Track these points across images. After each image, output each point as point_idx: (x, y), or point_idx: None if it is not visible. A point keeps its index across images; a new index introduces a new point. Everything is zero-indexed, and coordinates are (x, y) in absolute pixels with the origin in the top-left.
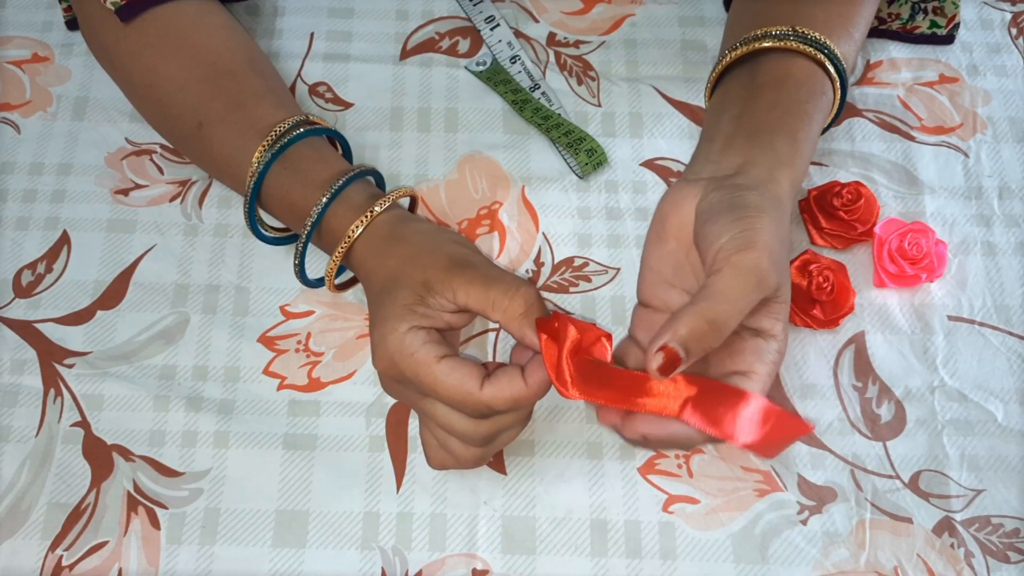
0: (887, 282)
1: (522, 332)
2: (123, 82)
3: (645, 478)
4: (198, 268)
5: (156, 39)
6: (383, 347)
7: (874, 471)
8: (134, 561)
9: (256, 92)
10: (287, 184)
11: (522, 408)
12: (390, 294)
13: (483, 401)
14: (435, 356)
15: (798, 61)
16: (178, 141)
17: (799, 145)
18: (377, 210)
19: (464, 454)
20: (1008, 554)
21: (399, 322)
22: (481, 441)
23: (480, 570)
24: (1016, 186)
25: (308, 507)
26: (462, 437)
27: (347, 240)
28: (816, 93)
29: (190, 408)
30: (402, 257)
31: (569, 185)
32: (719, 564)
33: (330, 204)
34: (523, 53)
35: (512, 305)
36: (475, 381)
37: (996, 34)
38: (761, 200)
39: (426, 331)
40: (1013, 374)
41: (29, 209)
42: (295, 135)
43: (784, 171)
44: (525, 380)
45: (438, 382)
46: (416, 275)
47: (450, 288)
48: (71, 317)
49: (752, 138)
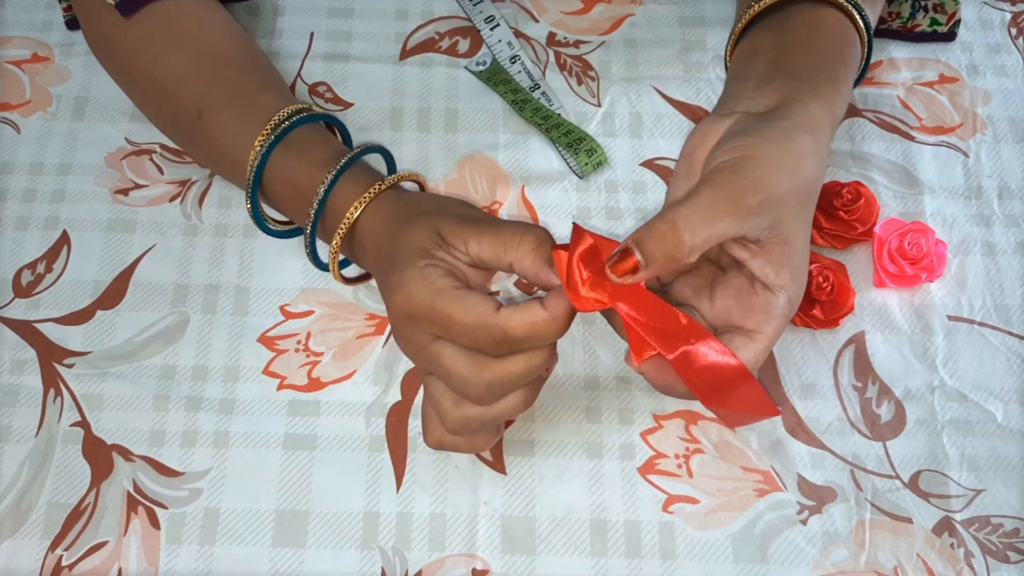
0: (887, 282)
1: (536, 269)
2: (124, 77)
3: (645, 478)
4: (198, 268)
5: (157, 32)
6: (402, 281)
7: (874, 471)
8: (134, 561)
9: (257, 83)
10: (291, 165)
11: (540, 341)
12: (404, 241)
13: (499, 324)
14: (452, 286)
15: (830, 11)
16: (179, 133)
17: (840, 86)
18: (382, 185)
19: (453, 412)
20: (1008, 554)
21: (419, 258)
22: (483, 391)
23: (480, 570)
24: (1016, 186)
25: (308, 507)
26: (463, 385)
27: (351, 215)
28: (850, 42)
29: (190, 408)
30: (411, 214)
31: (569, 185)
32: (719, 564)
33: (337, 180)
34: (523, 53)
35: (523, 243)
36: (491, 306)
37: (996, 34)
38: (791, 126)
39: (446, 267)
40: (1013, 374)
41: (29, 209)
42: (297, 119)
43: (824, 109)
44: (544, 308)
45: (454, 305)
46: (429, 224)
47: (462, 239)
48: (71, 317)
49: (791, 79)
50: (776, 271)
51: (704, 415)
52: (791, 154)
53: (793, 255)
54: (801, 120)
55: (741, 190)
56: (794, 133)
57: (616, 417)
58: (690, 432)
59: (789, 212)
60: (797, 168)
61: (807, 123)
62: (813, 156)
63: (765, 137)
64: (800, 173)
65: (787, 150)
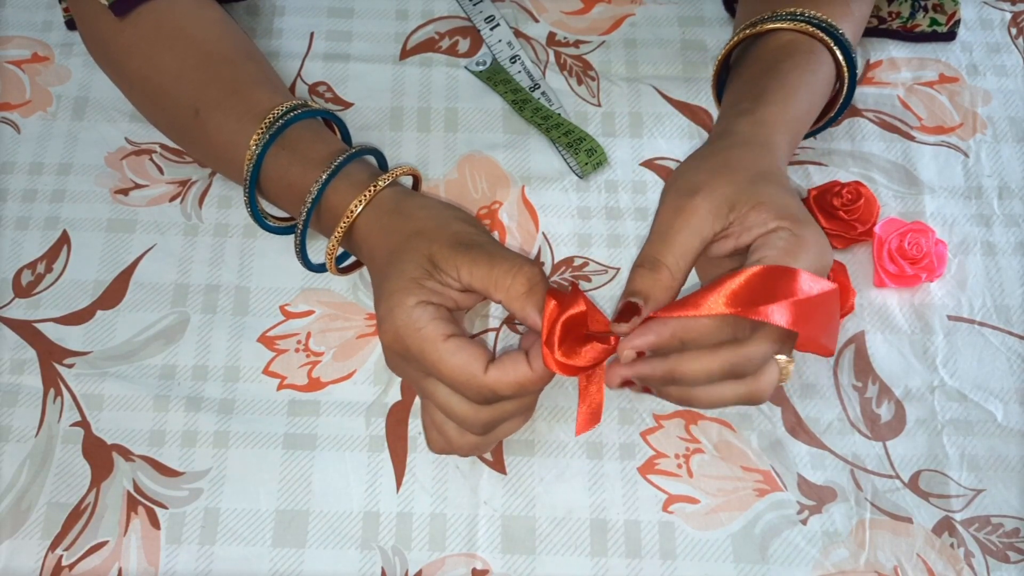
0: (887, 282)
1: (524, 312)
2: (120, 77)
3: (645, 478)
4: (198, 268)
5: (151, 32)
6: (390, 320)
7: (874, 471)
8: (134, 561)
9: (252, 79)
10: (285, 164)
11: (526, 395)
12: (396, 267)
13: (487, 385)
14: (442, 334)
15: (784, 35)
16: (176, 132)
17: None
18: (380, 184)
19: (459, 441)
20: (1008, 554)
21: (407, 295)
22: (480, 429)
23: (480, 570)
24: (1016, 186)
25: (308, 507)
26: (461, 422)
27: (348, 216)
28: (794, 53)
29: (190, 408)
30: (407, 232)
31: (569, 185)
32: (719, 564)
33: (330, 180)
34: (523, 53)
35: (514, 284)
36: (480, 364)
37: (996, 34)
38: (712, 137)
39: (435, 307)
40: (1013, 374)
41: (29, 209)
42: (293, 116)
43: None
44: (530, 364)
45: (442, 361)
46: (422, 249)
47: (454, 266)
48: (71, 317)
49: (733, 105)
50: (763, 224)
51: (704, 415)
52: (716, 153)
53: (770, 208)
54: (723, 130)
55: (678, 197)
56: (714, 140)
57: (616, 417)
58: (690, 432)
59: (741, 188)
60: (726, 163)
61: (728, 130)
62: (738, 147)
63: (692, 156)
64: (731, 163)
65: (709, 153)
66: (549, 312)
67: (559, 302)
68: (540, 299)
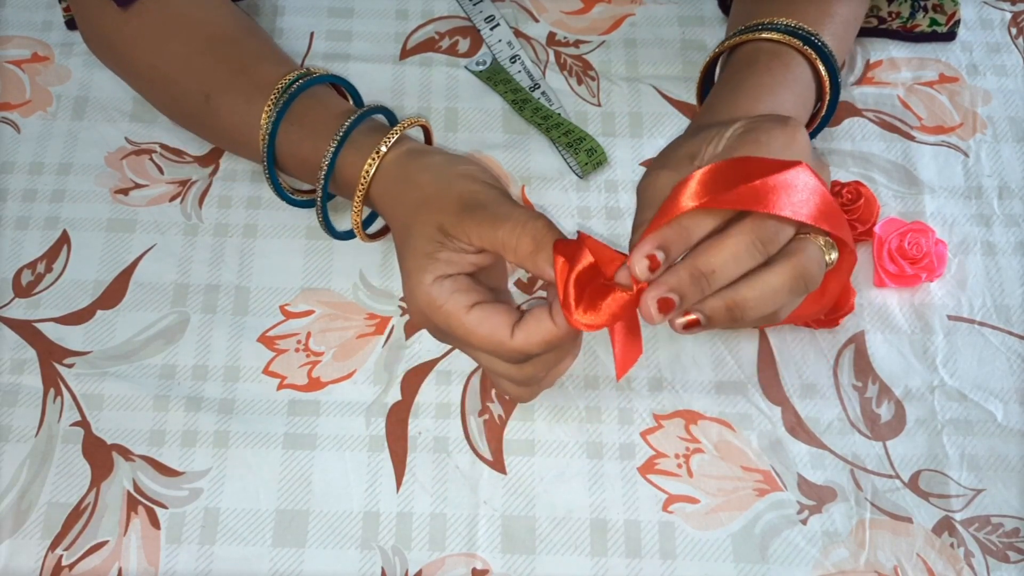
0: (887, 282)
1: (538, 269)
2: (126, 69)
3: (645, 478)
4: (198, 268)
5: (155, 20)
6: (413, 301)
7: (874, 471)
8: (134, 561)
9: (256, 54)
10: (296, 140)
11: (558, 347)
12: (409, 244)
13: (516, 349)
14: (464, 306)
15: (762, 45)
16: (188, 119)
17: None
18: (383, 150)
19: (516, 392)
20: (1008, 554)
21: (423, 273)
22: (528, 381)
23: (480, 570)
24: (1016, 186)
25: (308, 507)
26: (509, 380)
27: (362, 187)
28: (768, 59)
29: (190, 408)
30: (414, 203)
31: (569, 185)
32: (719, 564)
33: (339, 151)
34: (523, 53)
35: (520, 244)
36: (506, 330)
37: (996, 34)
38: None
39: (452, 279)
40: (1013, 374)
41: (29, 209)
42: (297, 87)
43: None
44: (553, 320)
45: (470, 334)
46: (430, 220)
47: (464, 232)
48: (71, 317)
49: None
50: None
51: (704, 415)
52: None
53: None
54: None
55: (648, 178)
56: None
57: (616, 417)
58: (690, 432)
59: (712, 129)
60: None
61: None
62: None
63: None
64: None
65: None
66: (559, 271)
67: (567, 258)
68: (549, 254)
